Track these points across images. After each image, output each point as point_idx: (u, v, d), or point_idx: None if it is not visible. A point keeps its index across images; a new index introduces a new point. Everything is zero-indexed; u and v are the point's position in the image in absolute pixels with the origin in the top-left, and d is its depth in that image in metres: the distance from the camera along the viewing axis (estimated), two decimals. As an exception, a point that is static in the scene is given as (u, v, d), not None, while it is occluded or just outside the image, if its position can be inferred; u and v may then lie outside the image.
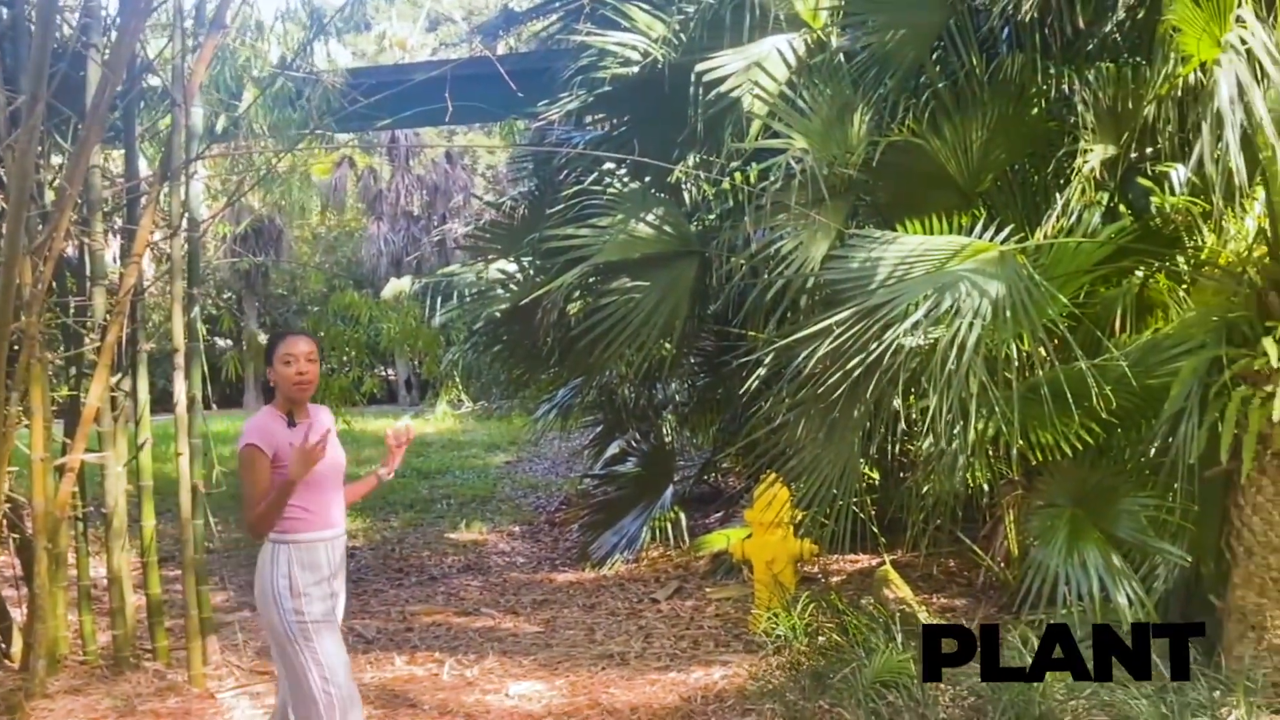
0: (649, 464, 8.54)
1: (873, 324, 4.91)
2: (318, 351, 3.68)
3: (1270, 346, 4.03)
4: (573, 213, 6.67)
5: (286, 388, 3.59)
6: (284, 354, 3.58)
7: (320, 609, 3.54)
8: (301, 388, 3.59)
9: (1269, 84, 3.97)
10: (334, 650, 3.55)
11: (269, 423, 3.58)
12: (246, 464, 3.50)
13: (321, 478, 3.59)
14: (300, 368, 3.56)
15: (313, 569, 3.54)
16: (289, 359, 3.57)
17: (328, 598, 3.58)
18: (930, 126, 5.84)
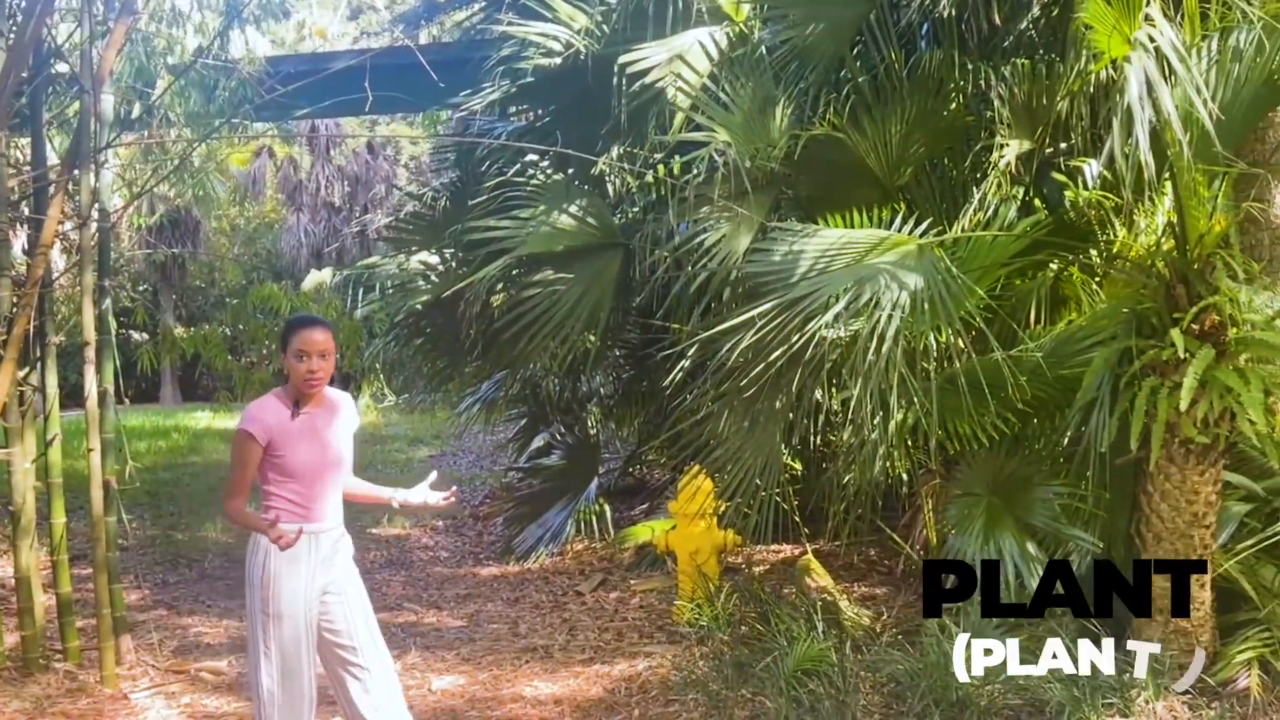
0: (574, 457, 8.52)
1: (794, 316, 4.95)
2: (333, 341, 3.58)
3: (1177, 338, 4.13)
4: (495, 204, 6.61)
5: (298, 383, 3.50)
6: (297, 348, 3.48)
7: (287, 603, 3.45)
8: (312, 385, 3.51)
9: (1176, 81, 4.07)
10: (291, 649, 3.46)
11: (272, 409, 3.50)
12: (237, 448, 3.45)
13: (312, 470, 3.53)
14: (312, 365, 3.48)
15: (289, 560, 3.44)
16: (302, 354, 3.47)
17: (304, 589, 3.48)
18: (851, 121, 5.90)
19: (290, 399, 3.54)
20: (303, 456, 3.50)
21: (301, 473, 3.49)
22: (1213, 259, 4.33)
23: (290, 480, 3.48)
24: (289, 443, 3.47)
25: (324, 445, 3.58)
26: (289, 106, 7.54)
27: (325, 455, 3.56)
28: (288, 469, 3.49)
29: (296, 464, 3.49)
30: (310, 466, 3.51)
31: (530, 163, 7.01)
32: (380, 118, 24.31)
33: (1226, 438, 4.39)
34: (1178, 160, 4.18)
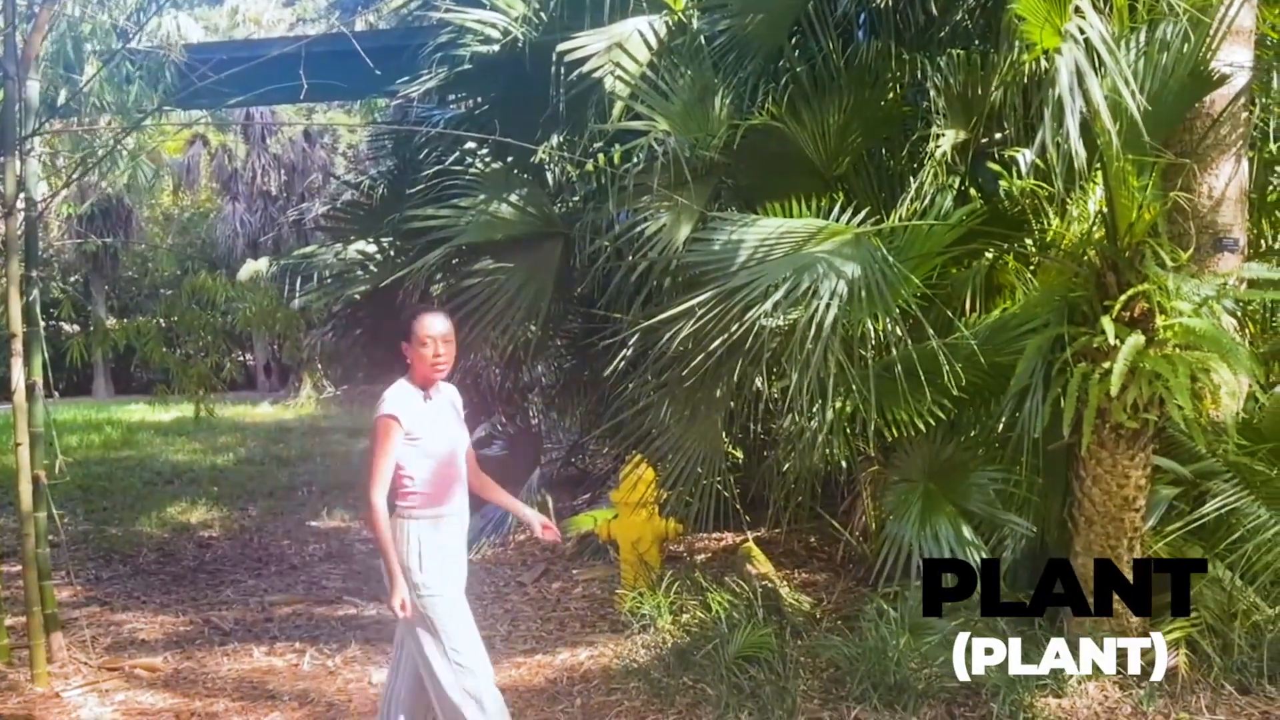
0: (516, 447, 8.50)
1: (734, 305, 4.97)
2: (454, 331, 3.71)
3: (1108, 325, 4.21)
4: (433, 193, 6.55)
5: (423, 370, 3.63)
6: (422, 335, 3.61)
7: (442, 580, 3.59)
8: (438, 370, 3.64)
9: (1105, 72, 4.14)
10: (459, 618, 3.60)
11: (407, 393, 3.62)
12: (381, 434, 3.53)
13: (445, 453, 3.66)
14: (437, 350, 3.61)
15: (436, 545, 3.59)
16: (427, 341, 3.60)
17: (449, 571, 3.63)
18: (789, 111, 5.92)
19: (416, 387, 3.67)
20: (437, 440, 3.64)
21: (436, 455, 3.61)
22: (1142, 247, 4.41)
23: (426, 461, 3.59)
24: (424, 427, 3.59)
25: (452, 429, 3.73)
26: (222, 94, 7.39)
27: (455, 439, 3.72)
28: (424, 452, 3.60)
29: (432, 447, 3.61)
30: (443, 450, 3.64)
31: (469, 151, 6.95)
32: (317, 106, 23.97)
33: (1155, 423, 4.49)
34: (1107, 150, 4.25)
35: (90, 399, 24.16)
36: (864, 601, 5.16)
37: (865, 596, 5.30)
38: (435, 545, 3.60)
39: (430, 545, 3.59)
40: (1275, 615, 4.61)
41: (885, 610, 4.84)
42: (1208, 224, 5.29)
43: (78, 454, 13.06)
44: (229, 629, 6.11)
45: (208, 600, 6.80)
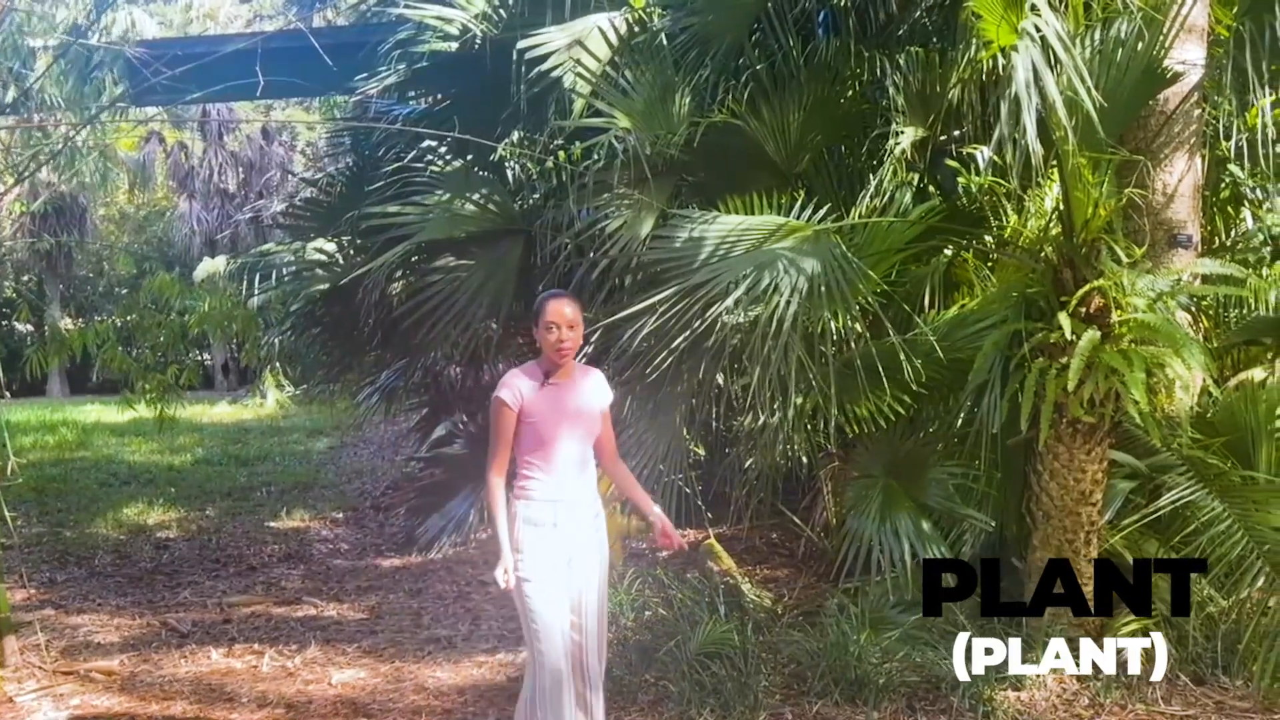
0: (476, 445, 8.43)
1: (695, 302, 4.98)
2: (580, 315, 3.71)
3: (1064, 320, 4.25)
4: (393, 190, 6.52)
5: (549, 352, 3.64)
6: (548, 320, 3.62)
7: (531, 567, 3.58)
8: (562, 354, 3.64)
9: (1061, 70, 4.18)
10: (545, 609, 3.57)
11: (525, 377, 3.66)
12: (494, 414, 3.63)
13: (560, 438, 3.66)
14: (561, 336, 3.61)
15: (535, 526, 3.61)
16: (551, 325, 3.61)
17: (544, 559, 3.60)
18: (750, 108, 5.93)
19: (542, 370, 3.68)
20: (551, 424, 3.64)
21: (550, 440, 3.63)
22: (1098, 244, 4.46)
23: (540, 448, 3.62)
24: (539, 410, 3.61)
25: (571, 415, 3.70)
26: (177, 91, 7.30)
27: (573, 425, 3.69)
28: (538, 436, 3.63)
29: (546, 432, 3.63)
30: (558, 435, 3.64)
31: (429, 148, 6.91)
32: (275, 103, 23.73)
33: (1112, 417, 4.54)
34: (1063, 147, 4.29)
35: (45, 399, 23.80)
36: (825, 597, 5.19)
37: (826, 592, 5.32)
38: (536, 526, 3.61)
39: (530, 526, 3.61)
40: (1229, 607, 4.68)
41: (846, 606, 4.86)
42: (1162, 220, 5.35)
43: (32, 455, 12.85)
44: (186, 631, 6.03)
45: (165, 602, 6.71)
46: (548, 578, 3.61)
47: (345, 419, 12.99)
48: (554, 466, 3.65)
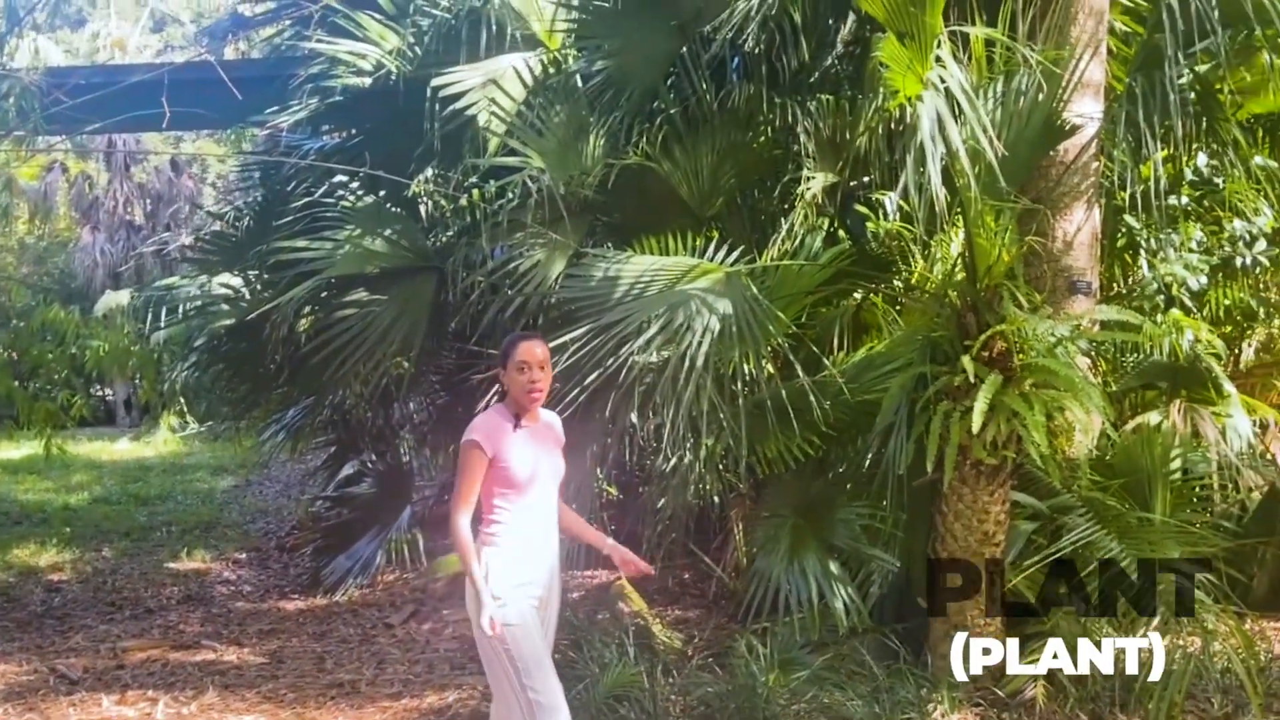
0: (385, 485, 8.31)
1: (608, 341, 4.99)
2: (549, 356, 3.73)
3: (968, 364, 4.33)
4: (303, 225, 6.43)
5: (518, 395, 3.63)
6: (518, 360, 3.61)
7: (516, 613, 3.52)
8: (533, 397, 3.63)
9: (965, 120, 4.29)
10: (532, 650, 3.54)
11: (496, 422, 3.62)
12: (464, 459, 3.57)
13: (533, 482, 3.62)
14: (533, 376, 3.60)
15: (514, 575, 3.55)
16: (523, 366, 3.60)
17: (529, 602, 3.58)
18: (663, 150, 5.98)
19: (510, 413, 3.65)
20: (525, 469, 3.60)
21: (524, 485, 3.59)
22: (1000, 289, 4.56)
23: (512, 492, 3.58)
24: (512, 454, 3.57)
25: (543, 459, 3.68)
26: (80, 120, 7.14)
27: (545, 469, 3.68)
28: (510, 481, 3.58)
29: (519, 476, 3.59)
30: (531, 479, 3.61)
31: (340, 183, 6.84)
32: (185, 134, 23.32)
33: (1013, 459, 4.63)
34: (966, 195, 4.40)
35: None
36: (735, 638, 5.18)
37: (736, 633, 5.32)
38: (512, 572, 3.56)
39: (506, 572, 3.54)
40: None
41: (755, 646, 4.86)
42: (1062, 267, 5.51)
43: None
44: (77, 678, 5.80)
45: (54, 647, 6.46)
46: (531, 622, 3.58)
47: (250, 457, 12.68)
48: (527, 510, 3.62)
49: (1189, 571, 4.74)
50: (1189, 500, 5.44)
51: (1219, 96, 6.05)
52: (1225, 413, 5.93)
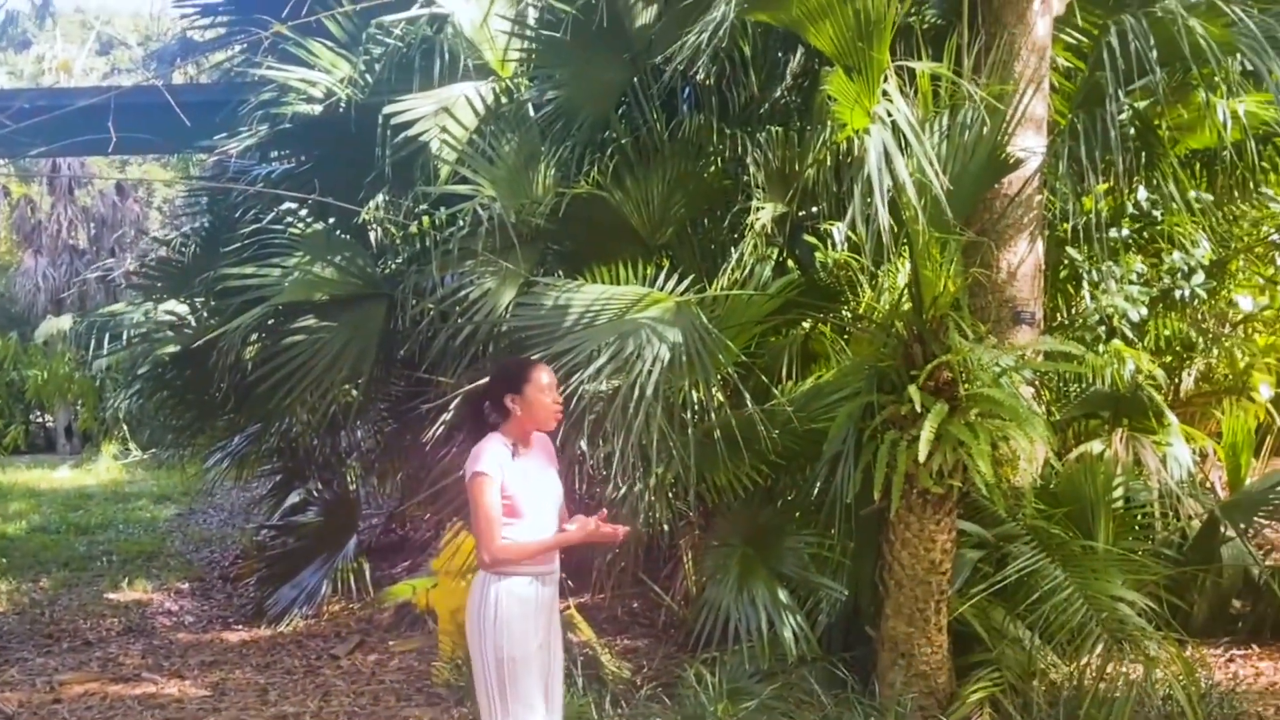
0: (331, 513, 8.22)
1: (558, 369, 4.96)
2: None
3: (914, 393, 4.38)
4: (250, 251, 6.37)
5: (542, 416, 3.63)
6: (544, 383, 3.64)
7: (520, 645, 3.50)
8: (558, 417, 3.69)
9: (911, 153, 4.36)
10: (527, 689, 3.50)
11: (497, 449, 3.58)
12: (480, 492, 3.51)
13: (537, 510, 3.58)
14: (557, 397, 3.67)
15: (520, 603, 3.51)
16: (547, 388, 3.63)
17: (533, 636, 3.54)
18: (614, 180, 6.01)
19: (510, 440, 3.62)
20: (529, 497, 3.58)
21: (529, 513, 3.56)
22: (945, 320, 4.62)
23: (519, 521, 3.54)
24: (515, 483, 3.55)
25: (544, 485, 3.67)
26: (24, 143, 7.03)
27: (547, 495, 3.66)
28: (517, 510, 3.55)
29: (525, 504, 3.56)
30: (535, 507, 3.59)
31: (289, 210, 6.80)
32: (131, 158, 23.05)
33: (959, 488, 4.68)
34: (913, 227, 4.46)
35: None
36: (684, 667, 5.17)
37: (686, 662, 5.31)
38: (520, 606, 3.52)
39: (515, 606, 3.51)
40: (1071, 673, 4.83)
41: (704, 676, 4.86)
42: (1007, 298, 5.59)
43: None
44: (12, 712, 5.66)
45: (-11, 681, 6.31)
46: (534, 659, 3.55)
47: (194, 485, 12.49)
48: (531, 538, 3.59)
49: (1131, 599, 4.81)
50: (1131, 528, 5.53)
51: (1158, 132, 6.20)
52: (1166, 441, 6.04)
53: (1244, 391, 7.36)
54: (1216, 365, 7.72)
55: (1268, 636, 5.59)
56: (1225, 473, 6.86)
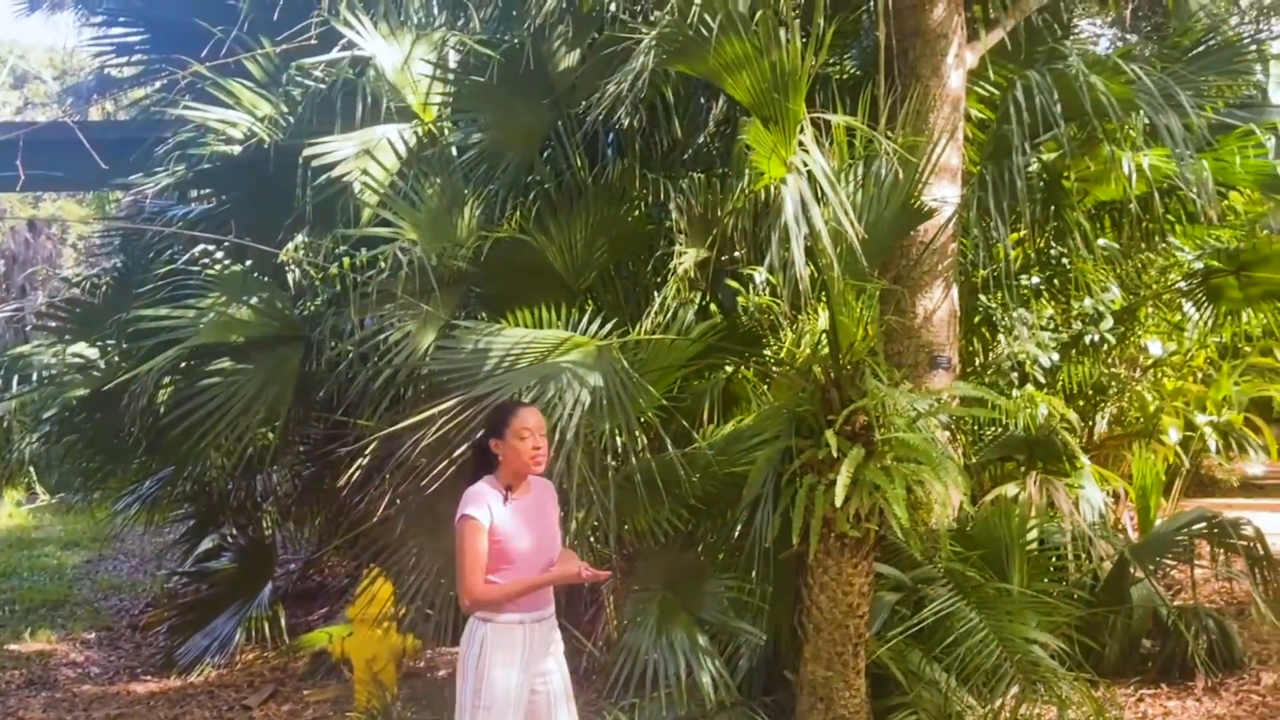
0: (246, 559, 8.05)
1: (478, 413, 4.94)
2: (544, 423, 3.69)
3: (831, 438, 4.42)
4: (165, 293, 6.26)
5: (520, 463, 3.58)
6: (519, 428, 3.58)
7: (500, 695, 3.45)
8: (537, 462, 3.61)
9: (827, 201, 4.43)
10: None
11: (487, 493, 3.56)
12: (466, 535, 3.48)
13: (530, 555, 3.52)
14: (536, 443, 3.59)
15: (505, 650, 3.49)
16: (525, 433, 3.57)
17: (516, 682, 3.49)
18: (538, 224, 6.03)
19: (502, 484, 3.61)
20: (521, 542, 3.54)
21: (520, 559, 3.52)
22: (861, 365, 4.68)
23: (509, 567, 3.50)
24: (506, 528, 3.52)
25: (538, 530, 3.63)
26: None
27: (541, 540, 3.61)
28: (507, 555, 3.51)
29: (515, 550, 3.52)
30: (527, 552, 3.54)
31: (206, 250, 6.69)
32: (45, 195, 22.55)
33: (876, 532, 4.72)
34: (829, 274, 4.53)
35: None
36: (603, 715, 5.12)
37: (604, 709, 5.26)
38: (504, 653, 3.48)
39: (498, 652, 3.46)
40: (986, 715, 4.88)
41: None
42: (923, 344, 5.70)
43: None
44: (-98, 771, 5.43)
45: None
46: (510, 709, 3.49)
47: (104, 530, 12.14)
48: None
49: (1045, 640, 4.89)
50: (1045, 570, 5.63)
51: (1065, 184, 6.39)
52: (1079, 484, 6.18)
53: (1154, 434, 7.58)
54: (1128, 409, 7.95)
55: (1176, 676, 5.71)
56: (1136, 514, 7.04)
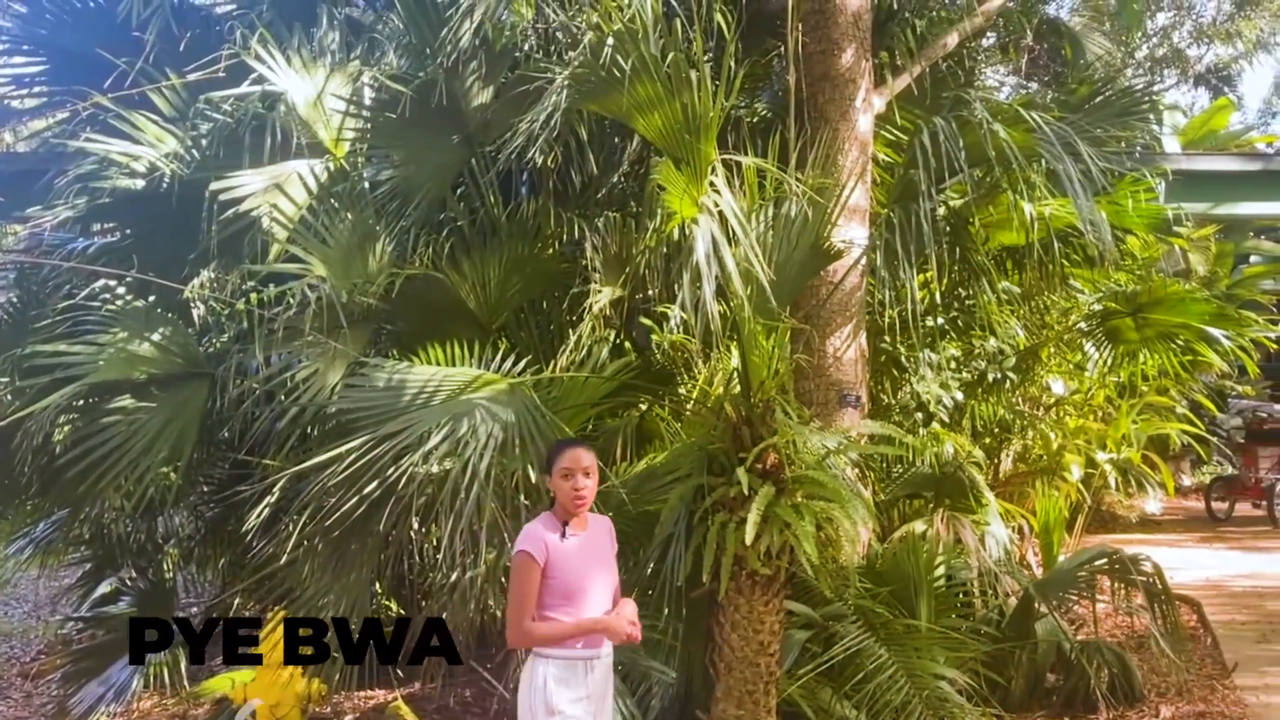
0: (146, 603, 7.78)
1: (387, 452, 4.87)
2: (596, 462, 3.69)
3: (742, 475, 4.45)
4: (63, 328, 6.06)
5: (565, 501, 3.62)
6: (563, 467, 3.62)
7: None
8: (579, 503, 3.62)
9: (738, 241, 4.48)
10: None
11: (545, 530, 3.59)
12: (519, 571, 3.53)
13: (586, 592, 3.58)
14: (577, 483, 3.60)
15: (570, 687, 3.52)
16: (567, 473, 3.60)
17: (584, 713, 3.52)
18: (450, 261, 5.99)
19: (559, 520, 3.64)
20: (577, 578, 3.58)
21: (577, 595, 3.55)
22: (772, 403, 4.73)
23: (565, 604, 3.54)
24: (563, 564, 3.54)
25: (595, 567, 3.66)
26: None
27: (598, 576, 3.64)
28: (563, 591, 3.54)
29: (572, 586, 3.55)
30: (585, 587, 3.57)
31: (107, 285, 6.50)
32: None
33: (787, 569, 4.75)
34: (740, 313, 4.57)
35: None
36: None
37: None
38: (565, 688, 3.47)
39: (562, 691, 3.46)
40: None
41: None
42: (833, 382, 5.78)
43: None
44: None
45: None
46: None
47: (-4, 575, 11.67)
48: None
49: (952, 676, 4.94)
50: (952, 606, 5.71)
51: (970, 228, 6.55)
52: (985, 521, 6.30)
53: (1057, 471, 7.76)
54: (1032, 446, 8.13)
55: (1079, 709, 5.81)
56: (1040, 550, 7.18)
